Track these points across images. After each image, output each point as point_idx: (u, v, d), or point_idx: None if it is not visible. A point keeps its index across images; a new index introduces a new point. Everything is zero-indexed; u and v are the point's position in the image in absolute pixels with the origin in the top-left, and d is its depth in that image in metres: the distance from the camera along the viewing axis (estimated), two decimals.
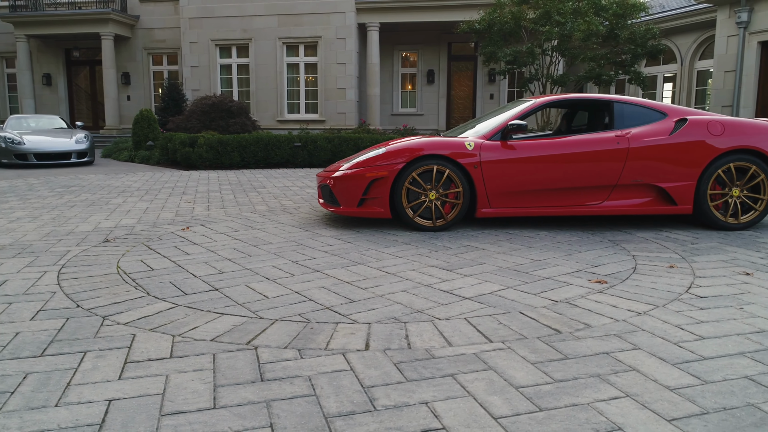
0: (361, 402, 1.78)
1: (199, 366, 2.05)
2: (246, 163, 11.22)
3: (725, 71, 12.37)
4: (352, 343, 2.26)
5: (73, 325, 2.47)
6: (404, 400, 1.79)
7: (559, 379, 1.93)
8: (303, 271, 3.39)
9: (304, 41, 16.96)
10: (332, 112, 17.05)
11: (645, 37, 11.75)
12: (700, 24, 14.48)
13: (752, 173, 4.53)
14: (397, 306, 2.72)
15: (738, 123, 4.59)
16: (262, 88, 17.21)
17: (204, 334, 2.37)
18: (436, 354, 2.15)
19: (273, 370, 2.02)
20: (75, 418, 1.69)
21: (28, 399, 1.81)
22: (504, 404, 1.76)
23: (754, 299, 2.80)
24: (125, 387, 1.89)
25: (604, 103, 4.86)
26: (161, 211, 5.76)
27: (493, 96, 18.31)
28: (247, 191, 7.42)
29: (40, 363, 2.08)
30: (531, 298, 2.84)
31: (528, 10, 12.36)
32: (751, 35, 11.71)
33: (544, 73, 12.34)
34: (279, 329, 2.42)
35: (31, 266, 3.50)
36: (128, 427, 1.64)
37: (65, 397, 1.82)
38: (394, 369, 2.02)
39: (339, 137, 11.59)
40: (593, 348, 2.19)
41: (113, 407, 1.75)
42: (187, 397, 1.82)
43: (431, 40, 18.40)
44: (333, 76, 16.90)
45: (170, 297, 2.87)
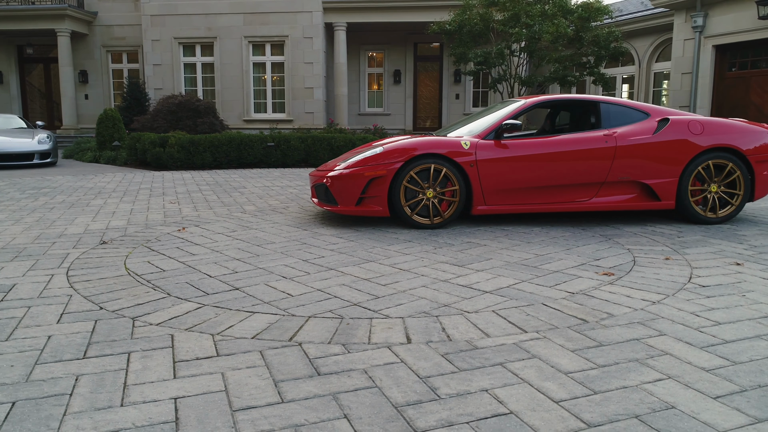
0: (424, 391, 1.85)
1: (251, 363, 2.08)
2: (218, 164, 11.07)
3: (682, 73, 12.95)
4: (394, 337, 2.32)
5: (104, 327, 2.44)
6: (464, 389, 1.86)
7: (601, 364, 2.04)
8: (317, 269, 3.42)
9: (271, 40, 16.82)
10: (300, 112, 16.98)
11: (608, 40, 12.18)
12: (656, 27, 15.09)
13: (729, 170, 4.80)
14: (423, 301, 2.80)
15: (716, 122, 4.85)
16: (228, 88, 16.98)
17: (242, 332, 2.39)
18: (478, 345, 2.24)
19: (326, 365, 2.06)
20: (147, 416, 1.70)
21: (90, 400, 1.80)
22: (560, 389, 1.86)
23: (752, 287, 3.00)
24: (185, 385, 1.90)
25: (592, 103, 5.06)
26: (147, 212, 5.66)
27: (459, 96, 18.59)
28: (229, 192, 7.35)
29: (86, 365, 2.06)
30: (548, 290, 2.96)
31: (496, 13, 12.63)
32: (706, 39, 12.29)
33: (512, 74, 12.62)
34: (315, 326, 2.46)
35: (35, 269, 3.41)
36: (204, 422, 1.66)
37: (128, 396, 1.82)
38: (443, 360, 2.09)
39: (312, 137, 11.57)
40: (623, 335, 2.32)
41: (181, 405, 1.77)
42: (251, 392, 1.85)
43: (397, 41, 18.53)
44: (300, 75, 16.82)
45: (193, 297, 2.87)
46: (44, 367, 2.04)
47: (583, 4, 11.68)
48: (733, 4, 11.72)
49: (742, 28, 11.58)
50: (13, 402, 1.79)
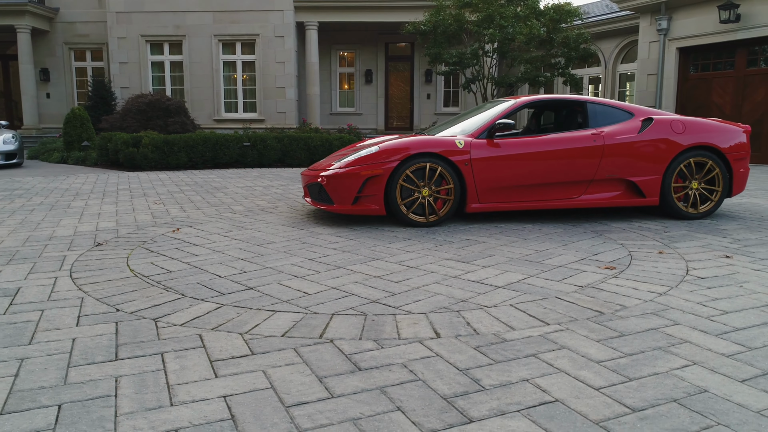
0: (467, 383, 1.90)
1: (289, 360, 2.09)
2: (194, 164, 10.91)
3: (648, 74, 13.37)
4: (422, 332, 2.37)
5: (128, 329, 2.42)
6: (506, 379, 1.93)
7: (628, 353, 2.14)
8: (325, 268, 3.44)
9: (241, 39, 16.63)
10: (272, 111, 16.84)
11: (577, 42, 12.49)
12: (622, 30, 15.55)
13: (708, 167, 5.02)
14: (440, 297, 2.85)
15: (696, 122, 5.06)
16: (198, 87, 16.72)
17: (270, 330, 2.40)
18: (506, 338, 2.31)
19: (364, 360, 2.09)
20: (202, 415, 1.70)
21: (138, 401, 1.79)
22: (596, 377, 1.94)
23: (747, 278, 3.16)
24: (230, 384, 1.90)
25: (579, 103, 5.21)
26: (134, 213, 5.56)
27: (430, 96, 18.75)
28: (211, 192, 7.27)
29: (121, 366, 2.04)
30: (557, 284, 3.06)
31: (469, 14, 12.80)
32: (671, 41, 12.72)
33: (485, 75, 12.82)
34: (341, 323, 2.49)
35: (36, 272, 3.33)
36: (261, 419, 1.67)
37: (175, 396, 1.82)
38: (477, 353, 2.15)
39: (288, 137, 11.52)
40: (640, 325, 2.43)
41: (233, 403, 1.77)
42: (299, 389, 1.87)
43: (369, 41, 18.57)
44: (272, 74, 16.68)
45: (210, 297, 2.85)
46: (79, 370, 2.01)
47: (554, 6, 11.95)
48: (696, 8, 12.18)
49: (705, 31, 12.05)
50: (59, 405, 1.76)
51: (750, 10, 11.22)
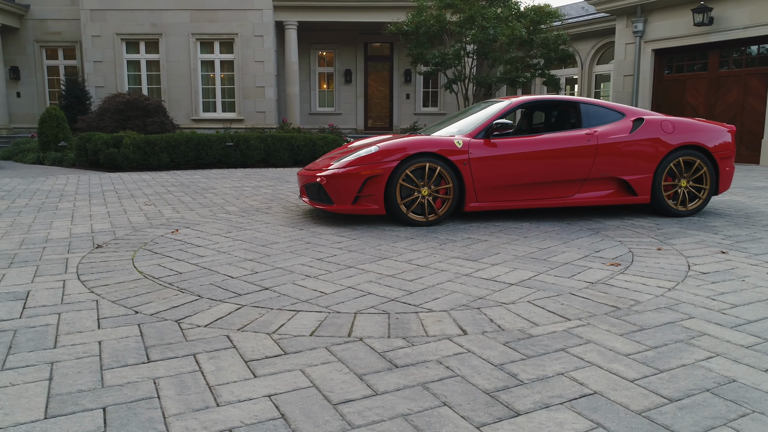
0: (505, 378, 1.95)
1: (324, 359, 2.11)
2: (176, 164, 10.76)
3: (624, 75, 13.66)
4: (448, 330, 2.41)
5: (152, 331, 2.40)
6: (542, 373, 1.97)
7: (652, 346, 2.21)
8: (336, 267, 3.45)
9: (220, 38, 16.45)
10: (251, 111, 16.71)
11: (557, 43, 12.69)
12: (598, 32, 15.86)
13: (696, 166, 5.17)
14: (457, 294, 2.90)
15: (684, 122, 5.22)
16: (175, 86, 16.48)
17: (297, 330, 2.41)
18: (532, 333, 2.36)
19: (398, 357, 2.12)
20: (252, 414, 1.71)
21: (183, 402, 1.78)
22: (627, 369, 2.00)
23: (747, 273, 3.28)
24: (272, 383, 1.91)
25: (572, 103, 5.31)
26: (126, 215, 5.47)
27: (410, 96, 18.83)
28: (200, 193, 7.19)
29: (156, 368, 2.03)
30: (568, 281, 3.13)
31: (450, 14, 12.90)
32: (646, 43, 13.03)
33: (467, 75, 12.94)
34: (366, 321, 2.51)
35: (42, 276, 3.27)
36: (311, 417, 1.69)
37: (219, 396, 1.82)
38: (507, 348, 2.20)
39: (272, 137, 11.45)
40: (657, 319, 2.50)
41: (279, 401, 1.78)
42: (342, 387, 1.88)
43: (348, 40, 18.56)
44: (251, 74, 16.55)
45: (227, 298, 2.84)
46: (114, 373, 1.99)
47: (534, 8, 12.13)
48: (670, 11, 12.49)
49: (679, 33, 12.37)
50: (103, 407, 1.75)
51: (722, 14, 11.57)
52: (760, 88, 11.43)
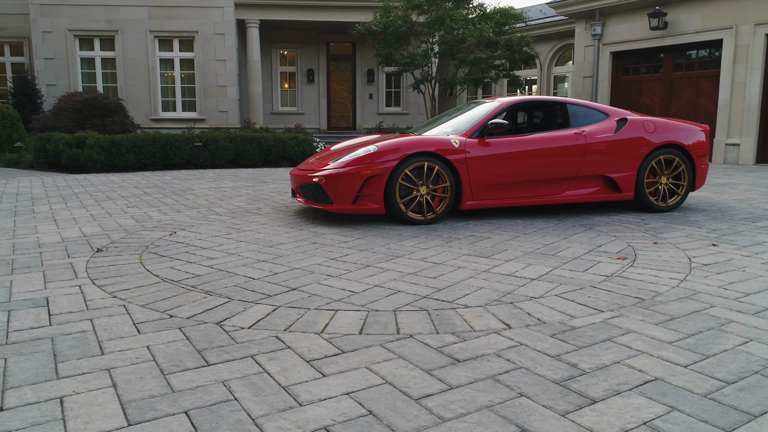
0: (567, 368, 2.02)
1: (385, 357, 2.13)
2: (142, 165, 10.46)
3: (584, 77, 14.13)
4: (492, 324, 2.47)
5: (197, 335, 2.36)
6: (599, 362, 2.06)
7: (689, 333, 2.34)
8: (353, 267, 3.47)
9: (179, 36, 16.06)
10: (213, 111, 16.38)
11: (520, 45, 13.01)
12: (556, 34, 16.33)
13: (676, 164, 5.44)
14: (485, 290, 2.97)
15: (664, 122, 5.47)
16: (133, 85, 15.99)
17: (345, 329, 2.42)
18: (573, 325, 2.45)
19: (456, 352, 2.17)
20: (340, 412, 1.72)
21: (264, 403, 1.78)
22: (677, 356, 2.11)
23: (743, 264, 3.49)
24: (344, 381, 1.93)
25: (560, 104, 5.49)
26: (112, 217, 5.31)
27: (373, 96, 18.88)
28: (178, 194, 7.03)
29: (220, 371, 2.01)
30: (583, 275, 3.25)
31: (416, 15, 13.02)
32: (605, 46, 13.52)
33: (434, 75, 13.09)
34: (409, 318, 2.55)
35: (52, 281, 3.15)
36: (399, 412, 1.72)
37: (298, 396, 1.82)
38: (556, 340, 2.28)
39: (241, 137, 11.28)
40: (683, 309, 2.65)
41: (360, 399, 1.80)
42: (415, 382, 1.92)
43: (310, 40, 18.44)
44: (212, 73, 16.23)
45: (259, 300, 2.82)
46: (178, 377, 1.96)
47: (500, 10, 12.40)
48: (627, 15, 13.01)
49: (636, 37, 12.90)
50: (185, 411, 1.72)
51: (676, 18, 12.13)
52: (711, 90, 12.05)
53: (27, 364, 2.07)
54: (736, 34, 11.29)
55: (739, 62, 11.33)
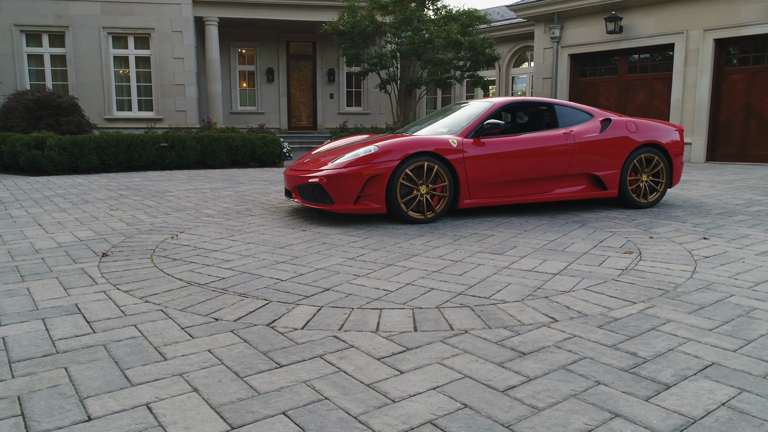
0: (628, 356, 2.13)
1: (452, 352, 2.18)
2: (106, 167, 10.10)
3: (543, 78, 14.55)
4: (538, 318, 2.56)
5: (253, 337, 2.35)
6: (655, 350, 2.18)
7: (723, 321, 2.49)
8: (375, 266, 3.50)
9: (135, 32, 15.55)
10: (171, 110, 15.95)
11: (483, 46, 13.28)
12: (515, 36, 16.74)
13: (655, 162, 5.72)
14: (515, 286, 3.06)
15: (644, 122, 5.74)
16: (85, 83, 15.37)
17: (399, 327, 2.46)
18: (613, 316, 2.57)
19: (518, 345, 2.24)
20: (436, 406, 1.76)
21: (358, 401, 1.80)
22: (722, 342, 2.26)
23: (739, 255, 3.73)
24: (425, 377, 1.96)
25: (547, 105, 5.67)
26: (100, 221, 5.13)
27: (333, 96, 18.83)
28: (157, 196, 6.85)
29: (297, 372, 2.01)
30: (600, 269, 3.40)
31: (381, 15, 13.09)
32: (563, 48, 13.97)
33: (400, 75, 13.19)
34: (456, 315, 2.60)
35: (73, 288, 3.04)
36: (492, 403, 1.77)
37: (387, 393, 1.85)
38: (606, 331, 2.39)
39: (209, 137, 11.06)
40: (707, 298, 2.81)
41: (448, 392, 1.85)
42: (493, 375, 1.98)
43: (269, 39, 18.22)
44: (170, 71, 15.80)
45: (297, 301, 2.82)
46: (256, 379, 1.95)
47: (465, 12, 12.62)
48: (585, 19, 13.49)
49: (593, 40, 13.40)
50: (283, 411, 1.72)
51: (631, 23, 12.68)
52: (664, 92, 12.66)
53: (92, 373, 2.01)
54: (687, 38, 11.91)
55: (690, 65, 11.95)
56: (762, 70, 11.31)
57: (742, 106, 11.62)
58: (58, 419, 1.69)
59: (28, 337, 2.34)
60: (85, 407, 1.76)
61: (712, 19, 11.54)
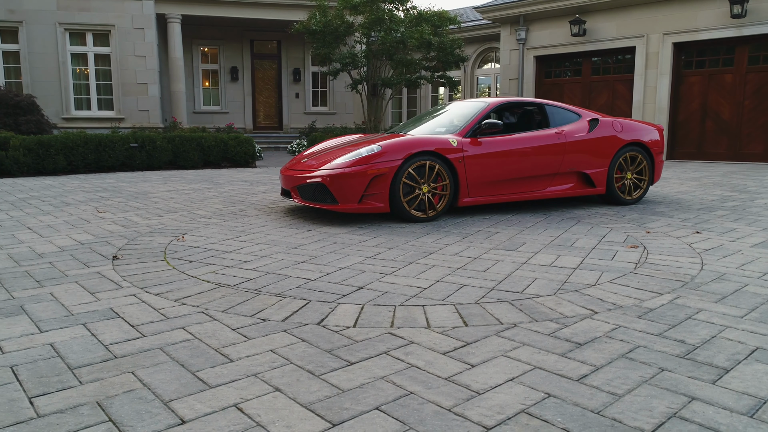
0: (678, 344, 2.24)
1: (511, 345, 2.25)
2: (74, 168, 9.74)
3: (509, 79, 14.87)
4: (578, 310, 2.66)
5: (309, 336, 2.35)
6: (700, 337, 2.30)
7: (751, 308, 2.65)
8: (398, 264, 3.53)
9: (93, 29, 15.04)
10: (132, 109, 15.50)
11: (452, 47, 13.47)
12: (480, 37, 17.03)
13: (639, 160, 5.96)
14: (541, 281, 3.16)
15: (629, 122, 5.98)
16: (40, 81, 14.77)
17: (447, 322, 2.50)
18: (648, 307, 2.69)
19: (569, 337, 2.32)
20: (522, 396, 1.82)
21: (444, 394, 1.83)
22: (757, 327, 2.40)
23: (736, 247, 3.94)
24: (496, 369, 2.02)
25: (538, 105, 5.83)
26: (93, 224, 4.97)
27: (299, 95, 18.70)
28: (140, 198, 6.67)
29: (370, 368, 2.03)
30: (614, 263, 3.54)
31: (350, 15, 13.10)
32: (529, 50, 14.31)
33: (371, 76, 13.23)
34: (498, 309, 2.67)
35: (99, 292, 2.95)
36: (573, 392, 1.84)
37: (469, 386, 1.89)
38: (647, 321, 2.50)
39: (180, 137, 10.81)
40: (727, 288, 2.98)
41: (526, 382, 1.90)
42: (562, 365, 2.05)
43: (233, 37, 17.94)
44: (131, 69, 15.35)
45: (337, 300, 2.83)
46: (333, 377, 1.96)
47: (436, 13, 12.77)
48: (550, 22, 13.87)
49: (557, 42, 13.78)
50: (376, 407, 1.74)
51: (595, 26, 13.11)
52: (626, 93, 13.15)
53: (162, 376, 1.97)
54: (647, 42, 12.41)
55: (651, 67, 12.46)
56: (717, 73, 11.91)
57: (699, 107, 12.20)
58: (150, 423, 1.66)
59: (77, 343, 2.27)
60: (172, 410, 1.74)
61: (671, 23, 12.07)
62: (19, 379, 1.95)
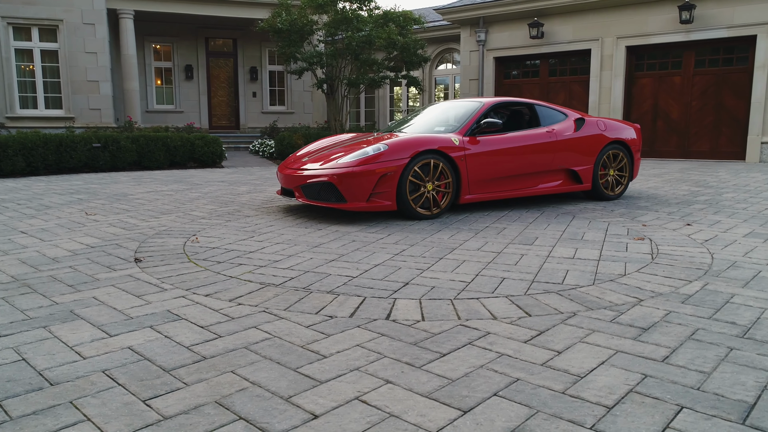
0: (730, 325, 2.42)
1: (584, 333, 2.36)
2: (34, 170, 9.27)
3: (470, 79, 15.19)
4: (624, 299, 2.81)
5: (386, 330, 2.39)
6: (749, 319, 2.49)
7: None
8: (429, 260, 3.61)
9: (40, 24, 14.30)
10: (83, 108, 14.84)
11: (415, 47, 13.64)
12: (439, 38, 17.30)
13: (620, 158, 6.27)
14: (573, 273, 3.31)
15: (611, 121, 6.28)
16: None
17: (510, 314, 2.60)
18: (684, 293, 2.88)
19: (632, 323, 2.47)
20: (623, 377, 1.93)
21: (550, 379, 1.93)
22: None
23: (731, 237, 4.24)
24: (583, 354, 2.13)
25: (529, 105, 6.03)
26: (90, 227, 4.78)
27: (256, 94, 18.41)
28: (124, 200, 6.46)
29: (465, 359, 2.10)
30: (630, 254, 3.74)
31: (313, 14, 13.05)
32: (488, 51, 14.67)
33: (337, 75, 13.22)
34: (550, 299, 2.79)
35: (147, 295, 2.88)
36: (659, 376, 1.97)
37: (567, 371, 1.99)
38: (692, 306, 2.68)
39: (145, 137, 10.48)
40: (744, 275, 3.21)
41: (617, 364, 2.02)
42: (641, 348, 2.18)
43: (187, 34, 17.47)
44: (81, 66, 14.69)
45: (390, 295, 2.87)
46: (435, 367, 2.02)
47: (401, 13, 12.89)
48: (509, 24, 14.26)
49: (516, 44, 14.19)
50: (494, 393, 1.82)
51: (552, 29, 13.59)
52: (582, 94, 13.70)
53: (264, 374, 1.97)
54: (602, 45, 12.98)
55: (605, 69, 13.04)
56: (667, 75, 12.60)
57: (651, 108, 12.87)
58: (283, 419, 1.67)
59: (155, 345, 2.23)
60: (298, 406, 1.75)
61: (624, 27, 12.67)
62: (119, 383, 1.90)
